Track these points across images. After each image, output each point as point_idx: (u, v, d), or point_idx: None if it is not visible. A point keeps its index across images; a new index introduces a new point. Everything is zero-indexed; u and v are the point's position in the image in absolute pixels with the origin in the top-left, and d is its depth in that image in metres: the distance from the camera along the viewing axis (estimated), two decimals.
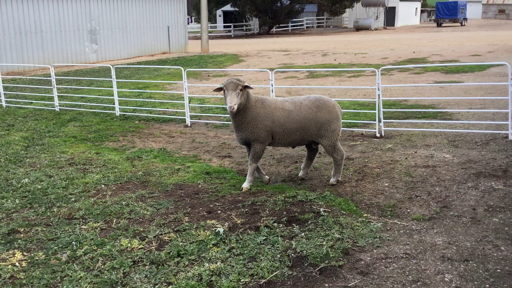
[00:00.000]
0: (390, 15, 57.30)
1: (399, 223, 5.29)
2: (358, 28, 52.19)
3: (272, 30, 52.85)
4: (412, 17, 63.27)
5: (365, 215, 5.50)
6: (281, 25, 53.70)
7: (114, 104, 12.09)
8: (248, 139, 6.43)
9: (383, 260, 4.48)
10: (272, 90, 9.78)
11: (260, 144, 6.43)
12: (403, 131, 9.26)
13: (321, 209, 5.57)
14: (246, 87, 6.13)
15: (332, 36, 43.69)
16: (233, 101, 5.97)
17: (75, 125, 10.91)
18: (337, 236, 4.91)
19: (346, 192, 6.30)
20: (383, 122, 9.09)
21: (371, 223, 5.25)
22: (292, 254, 4.61)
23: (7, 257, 4.81)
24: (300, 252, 4.62)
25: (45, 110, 12.63)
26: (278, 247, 4.74)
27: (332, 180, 6.64)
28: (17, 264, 4.67)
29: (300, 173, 6.95)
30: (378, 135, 9.00)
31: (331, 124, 6.43)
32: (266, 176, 6.89)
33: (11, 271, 4.52)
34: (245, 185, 6.51)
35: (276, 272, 4.30)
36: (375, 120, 9.20)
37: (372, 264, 4.42)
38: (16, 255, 4.84)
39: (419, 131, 9.14)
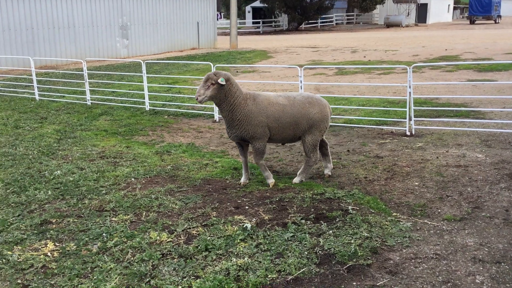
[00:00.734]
0: (422, 12, 56.34)
1: (429, 223, 5.21)
2: (389, 25, 51.49)
3: (301, 26, 52.62)
4: (444, 14, 62.07)
5: (394, 214, 5.43)
6: (310, 21, 53.39)
7: (144, 99, 12.24)
8: (243, 137, 6.39)
9: (413, 260, 4.42)
10: (301, 86, 9.73)
11: (259, 141, 6.37)
12: (434, 129, 9.10)
13: (349, 207, 5.53)
14: (217, 83, 6.03)
15: (362, 33, 43.22)
16: (198, 92, 6.05)
17: (106, 119, 11.09)
18: (366, 234, 4.87)
19: (374, 190, 6.24)
20: (414, 120, 8.96)
21: (401, 223, 5.19)
22: (320, 252, 4.59)
23: (40, 247, 4.93)
24: (328, 250, 4.60)
25: (77, 104, 12.87)
26: (305, 244, 4.73)
27: (296, 179, 6.58)
28: (49, 254, 4.78)
29: (326, 171, 6.91)
30: (408, 133, 8.87)
31: (321, 123, 6.43)
32: (246, 179, 6.68)
33: (43, 261, 4.63)
34: (269, 181, 6.51)
35: (303, 269, 4.29)
36: (405, 118, 9.06)
37: (401, 263, 4.37)
38: (48, 245, 4.95)
39: (451, 130, 8.97)
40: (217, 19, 36.62)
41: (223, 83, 6.02)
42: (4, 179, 6.98)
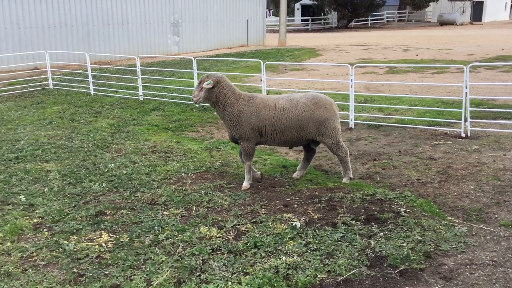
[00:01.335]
0: (477, 10, 54.37)
1: (485, 228, 5.03)
2: (443, 23, 49.99)
3: (350, 24, 51.88)
4: (501, 12, 59.65)
5: (448, 218, 5.28)
6: (360, 18, 52.57)
7: None
8: (233, 136, 6.43)
9: (468, 266, 4.28)
10: (351, 85, 9.60)
11: (246, 142, 6.34)
12: (491, 132, 8.77)
13: (402, 209, 5.41)
14: (206, 87, 6.20)
15: (414, 31, 42.19)
16: (193, 93, 6.40)
17: (157, 114, 11.31)
18: (419, 238, 4.75)
19: (428, 193, 6.08)
20: (469, 121, 8.66)
21: (455, 227, 5.03)
22: (371, 254, 4.51)
23: (94, 237, 5.09)
24: (379, 252, 4.52)
25: (130, 99, 13.19)
26: (356, 245, 4.67)
27: (345, 180, 6.52)
28: (103, 244, 4.92)
29: (295, 174, 6.80)
30: (463, 135, 8.59)
31: (330, 121, 6.31)
32: (258, 172, 6.78)
33: (98, 251, 4.77)
34: (244, 184, 6.45)
35: (354, 271, 4.24)
36: (460, 119, 8.78)
37: (456, 269, 4.24)
38: (102, 236, 5.11)
39: (509, 132, 8.62)
40: (266, 17, 36.64)
41: (209, 86, 6.20)
42: (61, 171, 7.25)
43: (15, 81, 16.62)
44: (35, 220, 5.53)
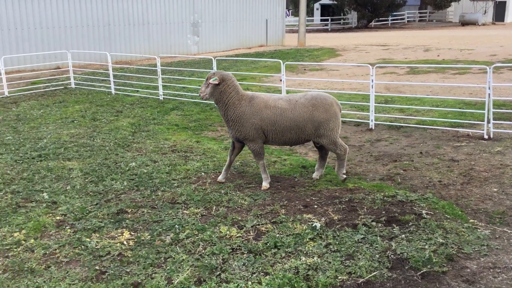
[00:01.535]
0: (500, 10, 53.47)
1: (509, 231, 4.95)
2: (464, 23, 49.31)
3: (370, 24, 51.49)
4: None
5: (471, 221, 5.21)
6: (380, 18, 52.15)
7: None
8: (238, 137, 6.45)
9: (491, 270, 4.22)
10: (372, 85, 9.53)
11: (252, 143, 6.38)
12: None
13: (423, 211, 5.36)
14: (212, 83, 6.30)
15: (435, 31, 41.71)
16: (200, 89, 6.54)
17: (177, 114, 11.38)
18: (441, 240, 4.70)
19: (450, 195, 6.00)
20: (492, 123, 8.53)
21: (478, 230, 4.96)
22: (392, 256, 4.48)
23: (116, 235, 5.14)
24: (401, 254, 4.48)
25: (150, 99, 13.30)
26: (376, 247, 4.64)
27: (341, 178, 6.47)
28: (125, 242, 4.97)
29: (314, 174, 6.76)
30: (486, 136, 8.46)
31: (329, 123, 6.24)
32: (223, 178, 6.66)
33: (119, 249, 4.82)
34: (264, 184, 6.45)
35: (375, 273, 4.21)
36: (483, 121, 8.65)
37: (479, 273, 4.18)
38: (124, 234, 5.16)
39: None
40: (286, 17, 36.60)
41: (215, 82, 6.26)
42: (83, 169, 7.34)
43: (38, 80, 16.88)
44: (58, 218, 5.61)
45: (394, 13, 53.85)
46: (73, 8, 21.76)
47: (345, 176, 6.48)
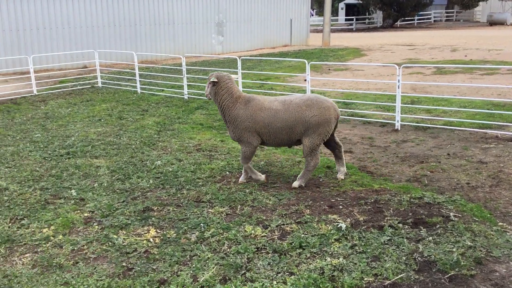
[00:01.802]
0: None
1: None
2: (492, 23, 48.35)
3: (396, 23, 50.92)
4: None
5: (500, 224, 5.11)
6: (406, 18, 51.53)
7: None
8: (233, 138, 6.51)
9: None
10: (398, 86, 9.43)
11: (246, 145, 6.39)
12: None
13: (451, 214, 5.28)
14: (212, 82, 6.39)
15: (463, 31, 41.02)
16: (205, 89, 6.62)
17: (201, 113, 11.45)
18: (469, 243, 4.62)
19: (478, 197, 5.90)
20: None
21: (507, 233, 4.87)
22: (419, 258, 4.42)
23: (142, 232, 5.20)
24: (428, 257, 4.42)
25: (175, 98, 13.40)
26: (403, 249, 4.59)
27: (295, 184, 6.37)
28: (151, 240, 5.02)
29: (338, 175, 6.69)
30: None
31: (319, 126, 6.12)
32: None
33: (145, 246, 4.88)
34: (260, 178, 6.57)
35: (401, 275, 4.16)
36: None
37: (508, 276, 4.10)
38: (150, 231, 5.21)
39: None
40: (310, 16, 36.44)
41: (214, 80, 6.35)
42: (109, 167, 7.44)
43: (66, 79, 17.18)
44: (85, 214, 5.71)
45: (420, 13, 53.14)
46: (100, 8, 22.08)
47: (297, 186, 6.33)
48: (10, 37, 19.59)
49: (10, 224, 5.50)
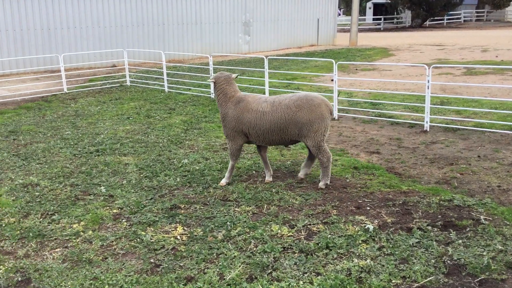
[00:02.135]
0: None
1: None
2: None
3: (425, 23, 50.19)
4: None
5: None
6: (435, 18, 50.72)
7: (264, 94, 12.48)
8: (224, 134, 6.72)
9: None
10: (428, 86, 9.29)
11: (231, 142, 6.54)
12: None
13: (481, 217, 5.18)
14: (211, 82, 6.68)
15: (493, 31, 40.17)
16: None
17: None
18: (500, 247, 4.53)
19: (509, 201, 5.77)
20: None
21: None
22: (448, 261, 4.36)
23: (170, 230, 5.25)
24: (457, 260, 4.35)
25: (202, 97, 13.49)
26: (432, 251, 4.52)
27: (321, 184, 6.35)
28: (178, 237, 5.07)
29: (300, 174, 6.69)
30: None
31: (313, 124, 6.11)
32: (269, 177, 6.69)
33: (173, 243, 4.92)
34: (222, 181, 6.60)
35: (430, 278, 4.11)
36: None
37: None
38: (177, 229, 5.26)
39: None
40: (338, 16, 36.19)
41: (212, 80, 6.64)
42: (138, 164, 7.54)
43: (95, 77, 17.46)
44: (114, 211, 5.80)
45: (450, 12, 52.24)
46: (129, 8, 22.38)
47: (324, 186, 6.33)
48: (42, 36, 20.02)
49: (41, 219, 5.63)
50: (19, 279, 4.38)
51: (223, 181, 6.59)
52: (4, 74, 18.54)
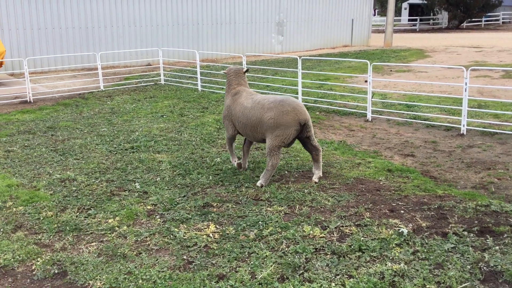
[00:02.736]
0: None
1: None
2: None
3: (462, 24, 49.12)
4: None
5: None
6: (473, 19, 49.56)
7: (297, 94, 12.46)
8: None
9: None
10: (465, 89, 9.09)
11: (226, 131, 7.08)
12: None
13: None
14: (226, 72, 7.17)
15: None
16: None
17: None
18: None
19: None
20: None
21: None
22: (484, 268, 4.26)
23: (202, 227, 5.30)
24: (494, 267, 4.25)
25: None
26: (468, 257, 4.43)
27: (258, 183, 6.52)
28: (210, 235, 5.11)
29: (313, 178, 6.68)
30: None
31: (276, 129, 6.24)
32: (243, 162, 7.24)
33: (205, 241, 4.97)
34: (232, 162, 7.31)
35: (465, 284, 4.02)
36: None
37: None
38: (210, 227, 5.30)
39: None
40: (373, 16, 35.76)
41: (224, 72, 7.20)
42: (171, 162, 7.63)
43: (131, 76, 17.76)
44: (148, 207, 5.89)
45: (488, 14, 50.96)
46: (165, 8, 22.67)
47: (259, 185, 6.46)
48: (80, 34, 20.48)
49: (78, 213, 5.76)
50: (56, 271, 4.49)
51: (232, 162, 7.27)
52: (43, 71, 19.06)
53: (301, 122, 6.30)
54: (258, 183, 6.52)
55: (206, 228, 5.28)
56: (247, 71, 7.19)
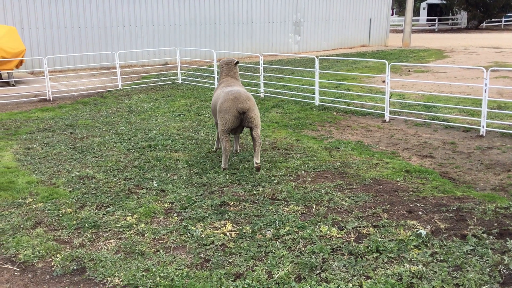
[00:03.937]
0: None
1: None
2: None
3: (481, 25, 48.52)
4: None
5: None
6: (492, 19, 48.92)
7: (314, 94, 12.43)
8: None
9: None
10: (485, 90, 8.98)
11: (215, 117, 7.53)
12: None
13: None
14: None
15: None
16: None
17: (277, 112, 11.51)
18: None
19: None
20: None
21: None
22: (504, 270, 4.20)
23: (219, 226, 5.32)
24: None
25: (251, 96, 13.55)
26: (487, 260, 4.38)
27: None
28: (227, 234, 5.13)
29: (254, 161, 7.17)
30: None
31: (219, 114, 7.01)
32: (235, 148, 8.06)
33: (222, 240, 4.98)
34: (216, 146, 8.10)
35: (485, 286, 3.98)
36: None
37: None
38: (227, 225, 5.32)
39: None
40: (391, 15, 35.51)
41: (219, 63, 8.18)
42: (188, 161, 7.67)
43: (148, 75, 17.89)
44: (166, 205, 5.92)
45: (508, 14, 50.25)
46: (182, 7, 22.79)
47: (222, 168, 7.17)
48: (98, 33, 20.68)
49: (97, 210, 5.83)
50: (75, 267, 4.54)
51: (216, 146, 8.06)
52: (62, 69, 19.30)
53: (238, 109, 6.88)
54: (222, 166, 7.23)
55: (223, 226, 5.30)
56: (237, 63, 7.89)
